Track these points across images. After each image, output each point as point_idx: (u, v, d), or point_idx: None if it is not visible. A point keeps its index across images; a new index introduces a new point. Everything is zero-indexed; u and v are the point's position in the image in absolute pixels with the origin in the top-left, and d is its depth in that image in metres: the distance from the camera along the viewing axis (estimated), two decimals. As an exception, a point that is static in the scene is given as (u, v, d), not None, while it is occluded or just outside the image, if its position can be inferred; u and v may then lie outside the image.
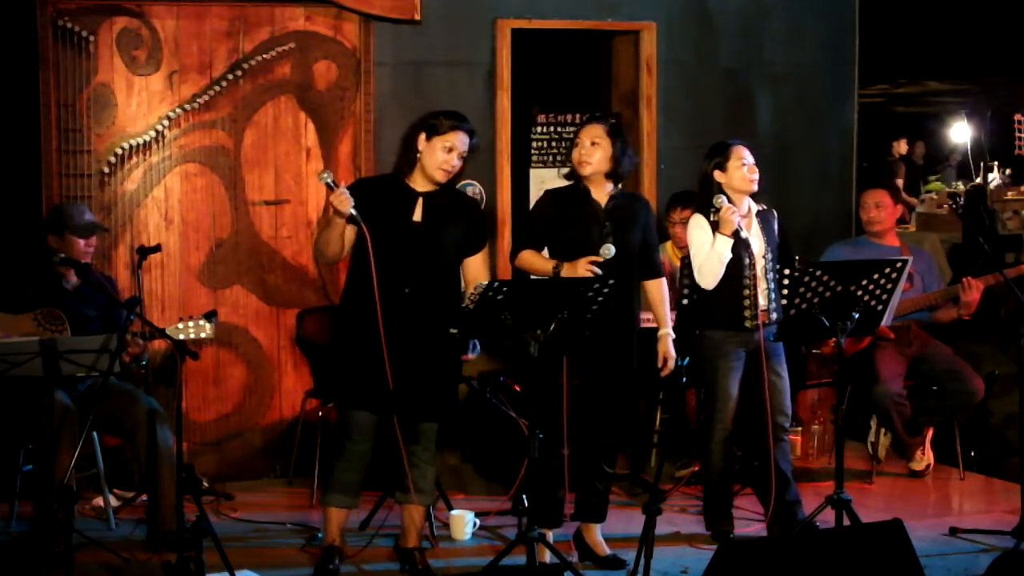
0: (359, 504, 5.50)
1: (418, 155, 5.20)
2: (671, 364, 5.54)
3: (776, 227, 5.78)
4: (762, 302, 5.61)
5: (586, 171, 5.40)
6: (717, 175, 5.66)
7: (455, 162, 5.20)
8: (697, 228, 5.64)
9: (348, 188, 5.12)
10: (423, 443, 5.34)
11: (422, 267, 5.18)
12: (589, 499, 5.58)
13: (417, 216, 5.21)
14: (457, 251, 5.28)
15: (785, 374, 5.75)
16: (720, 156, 5.67)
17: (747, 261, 5.58)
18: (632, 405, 5.61)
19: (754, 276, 5.58)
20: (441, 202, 5.25)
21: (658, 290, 5.56)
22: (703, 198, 5.67)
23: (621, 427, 5.54)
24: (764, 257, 5.64)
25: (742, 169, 5.63)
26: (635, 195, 5.72)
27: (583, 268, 5.27)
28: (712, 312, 5.64)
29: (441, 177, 5.20)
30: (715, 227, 5.58)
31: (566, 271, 5.29)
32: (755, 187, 5.65)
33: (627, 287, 5.38)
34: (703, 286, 5.64)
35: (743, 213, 5.65)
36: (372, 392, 5.15)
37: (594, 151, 5.39)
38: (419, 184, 5.24)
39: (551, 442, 5.22)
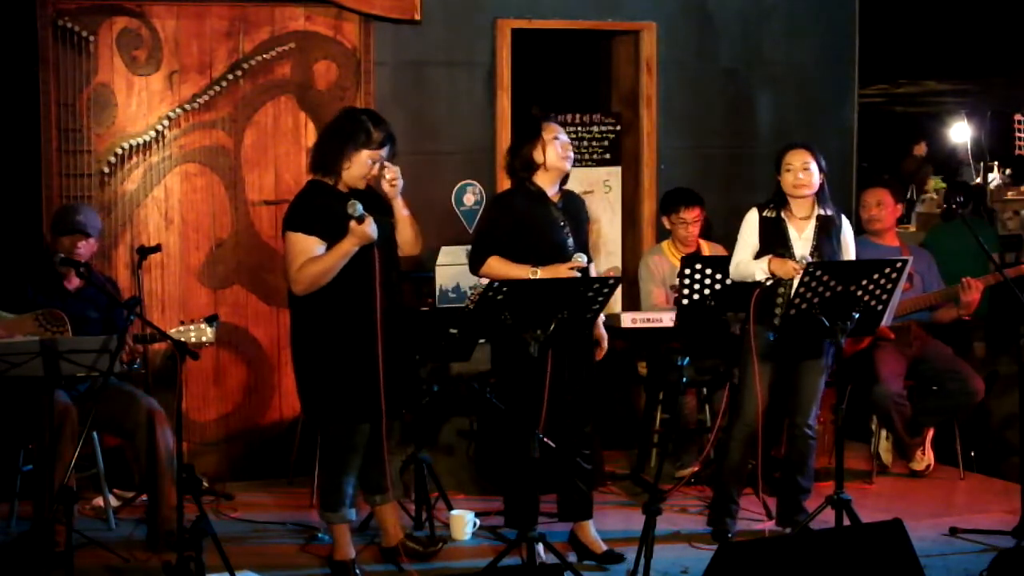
0: None
1: (343, 162, 5.14)
2: (604, 345, 5.53)
3: (839, 234, 5.74)
4: None
5: (569, 165, 5.42)
6: (777, 177, 5.72)
7: (377, 171, 5.19)
8: (745, 224, 5.73)
9: (312, 208, 5.12)
10: (394, 437, 5.39)
11: (395, 261, 5.23)
12: (572, 498, 5.56)
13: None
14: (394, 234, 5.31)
15: (822, 379, 5.77)
16: (777, 159, 5.74)
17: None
18: (596, 401, 5.56)
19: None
20: (371, 195, 5.24)
21: None
22: (774, 196, 5.74)
23: (588, 423, 5.51)
24: (805, 259, 5.60)
25: (787, 175, 5.67)
26: (574, 193, 5.68)
27: (565, 274, 5.25)
28: (750, 307, 5.64)
29: (362, 186, 5.19)
30: (770, 226, 5.65)
31: (541, 274, 5.26)
32: (799, 192, 5.65)
33: None
34: (731, 276, 5.79)
35: (802, 216, 5.68)
36: (370, 400, 5.15)
37: (570, 147, 5.43)
38: (343, 187, 5.19)
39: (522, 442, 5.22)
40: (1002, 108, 12.77)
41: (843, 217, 5.81)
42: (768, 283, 5.60)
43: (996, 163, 12.09)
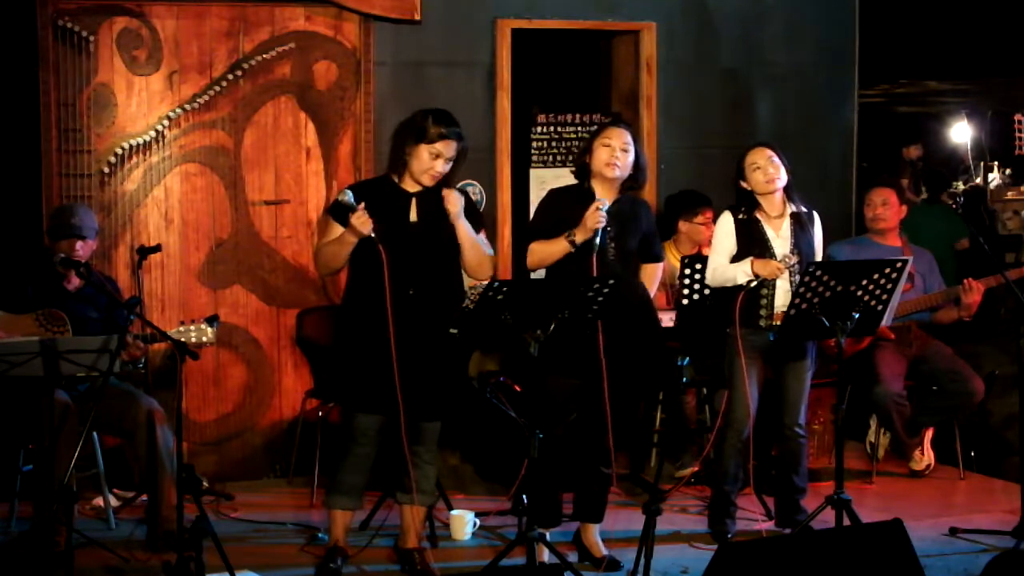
0: (363, 505, 5.51)
1: (406, 158, 5.20)
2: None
3: (814, 230, 5.78)
4: (779, 303, 5.60)
5: (614, 174, 5.35)
6: (743, 184, 5.71)
7: (441, 168, 5.20)
8: (719, 228, 5.74)
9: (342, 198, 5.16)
10: (426, 443, 5.35)
11: (423, 268, 5.18)
12: (585, 499, 5.57)
13: (413, 216, 5.21)
14: (455, 248, 5.28)
15: (807, 379, 5.78)
16: (738, 165, 5.75)
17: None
18: (635, 408, 5.60)
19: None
20: (434, 200, 5.24)
21: (650, 273, 5.63)
22: (737, 198, 5.76)
23: (624, 429, 5.52)
24: (787, 258, 5.62)
25: (756, 173, 5.69)
26: (636, 199, 5.65)
27: (592, 217, 5.24)
28: (734, 310, 5.64)
29: (428, 182, 5.20)
30: (746, 228, 5.65)
31: (578, 235, 5.25)
32: (772, 187, 5.69)
33: (631, 288, 5.37)
34: (707, 281, 5.79)
35: (776, 214, 5.69)
36: (379, 395, 5.15)
37: (625, 156, 5.37)
38: (410, 184, 5.24)
39: (553, 442, 5.21)
40: (1002, 108, 12.76)
41: (815, 214, 5.84)
42: (752, 285, 5.60)
43: (996, 163, 12.08)
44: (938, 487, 6.80)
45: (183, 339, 5.27)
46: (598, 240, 5.27)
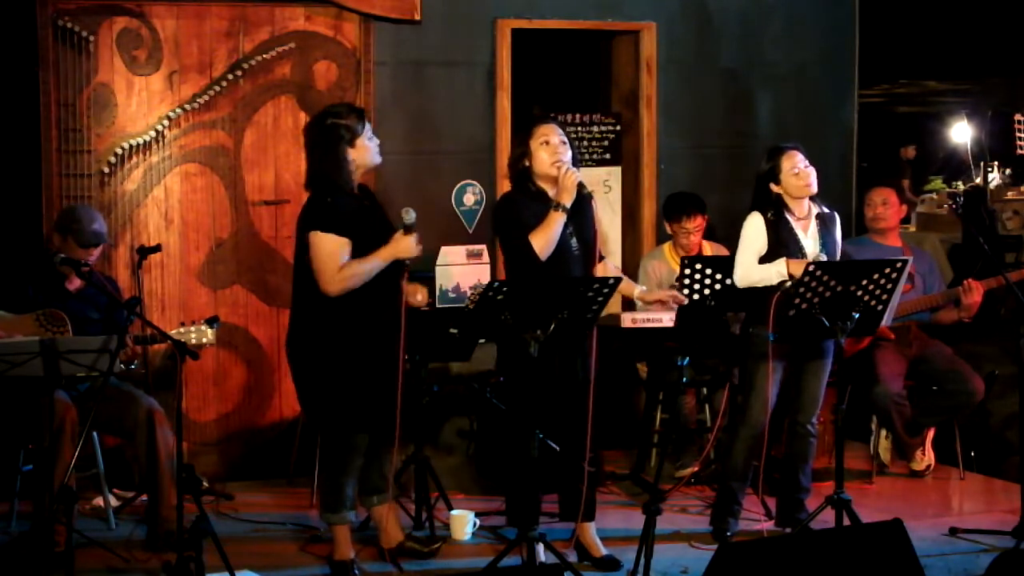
0: None
1: (352, 158, 5.16)
2: (679, 295, 5.63)
3: (837, 231, 5.78)
4: None
5: (564, 170, 5.29)
6: (773, 187, 5.67)
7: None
8: (750, 228, 5.67)
9: (341, 213, 5.09)
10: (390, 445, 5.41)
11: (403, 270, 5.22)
12: (572, 499, 5.54)
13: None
14: None
15: (825, 378, 5.78)
16: (772, 165, 5.69)
17: None
18: (587, 404, 5.45)
19: None
20: (371, 198, 5.27)
21: (604, 269, 5.58)
22: (759, 200, 5.70)
23: (582, 425, 5.42)
24: (820, 258, 5.61)
25: (795, 176, 5.64)
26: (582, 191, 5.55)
27: (568, 179, 5.22)
28: (762, 311, 5.60)
29: (375, 165, 5.26)
30: (775, 229, 5.62)
31: (563, 199, 5.21)
32: (809, 191, 5.65)
33: None
34: (735, 281, 5.71)
35: (803, 216, 5.67)
36: (377, 413, 5.16)
37: (566, 149, 5.34)
38: (355, 188, 5.22)
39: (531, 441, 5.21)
40: (1002, 108, 12.76)
41: (836, 215, 5.84)
42: (787, 285, 5.55)
43: (996, 163, 12.07)
44: (938, 487, 6.80)
45: (183, 339, 5.27)
46: (587, 191, 5.28)
